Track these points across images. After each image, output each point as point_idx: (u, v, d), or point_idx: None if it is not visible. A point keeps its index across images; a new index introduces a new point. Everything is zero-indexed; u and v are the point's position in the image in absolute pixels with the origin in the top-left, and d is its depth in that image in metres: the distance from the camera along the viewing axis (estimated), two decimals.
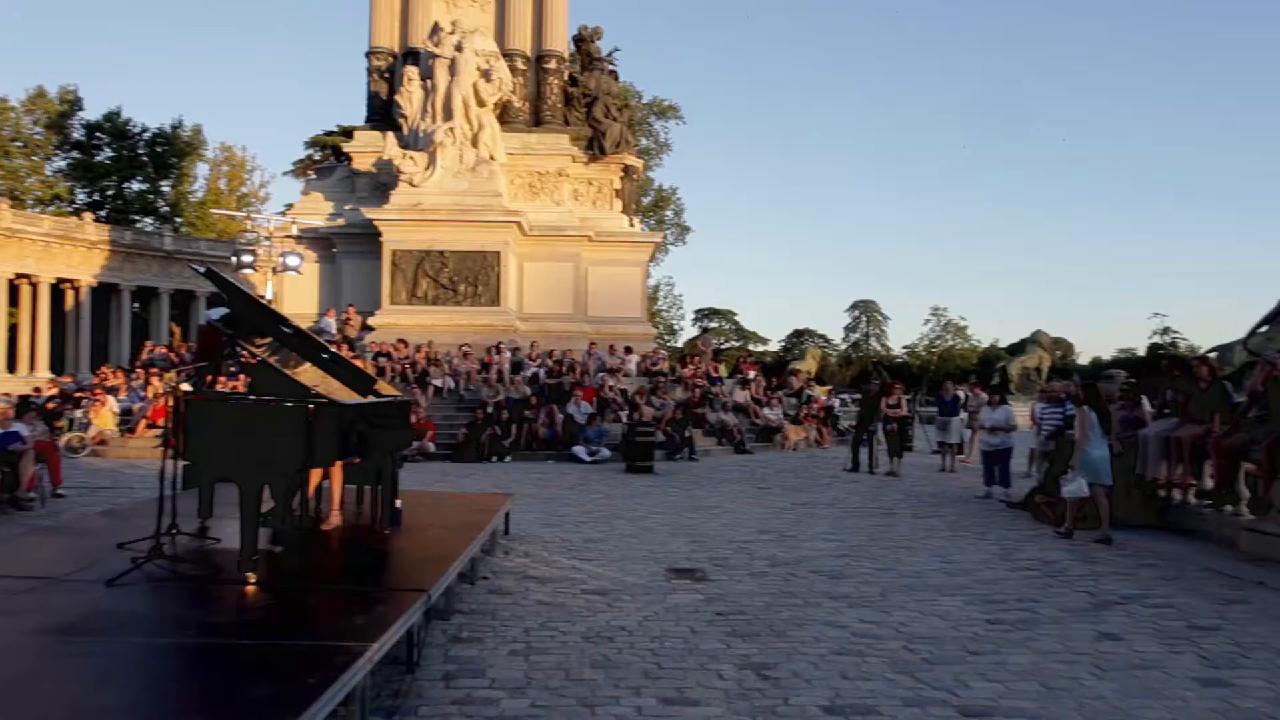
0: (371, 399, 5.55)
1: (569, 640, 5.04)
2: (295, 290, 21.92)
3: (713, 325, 64.25)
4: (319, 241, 22.46)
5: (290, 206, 27.37)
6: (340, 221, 22.40)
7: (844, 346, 70.58)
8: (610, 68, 25.87)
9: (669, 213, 49.67)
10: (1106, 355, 59.65)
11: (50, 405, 16.70)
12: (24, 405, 10.91)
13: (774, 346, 67.14)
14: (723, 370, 22.75)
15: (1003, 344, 58.87)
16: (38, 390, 19.75)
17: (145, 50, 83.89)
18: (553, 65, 24.37)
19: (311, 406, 4.68)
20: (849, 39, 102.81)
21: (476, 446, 15.29)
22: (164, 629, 4.02)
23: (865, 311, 70.69)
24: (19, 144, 42.63)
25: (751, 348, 62.60)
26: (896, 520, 9.73)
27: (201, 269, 5.55)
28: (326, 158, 39.90)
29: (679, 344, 53.89)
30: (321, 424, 4.72)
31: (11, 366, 35.38)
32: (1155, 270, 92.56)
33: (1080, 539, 8.41)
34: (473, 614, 5.56)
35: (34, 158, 43.31)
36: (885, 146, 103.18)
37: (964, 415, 15.60)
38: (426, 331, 19.85)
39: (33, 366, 35.40)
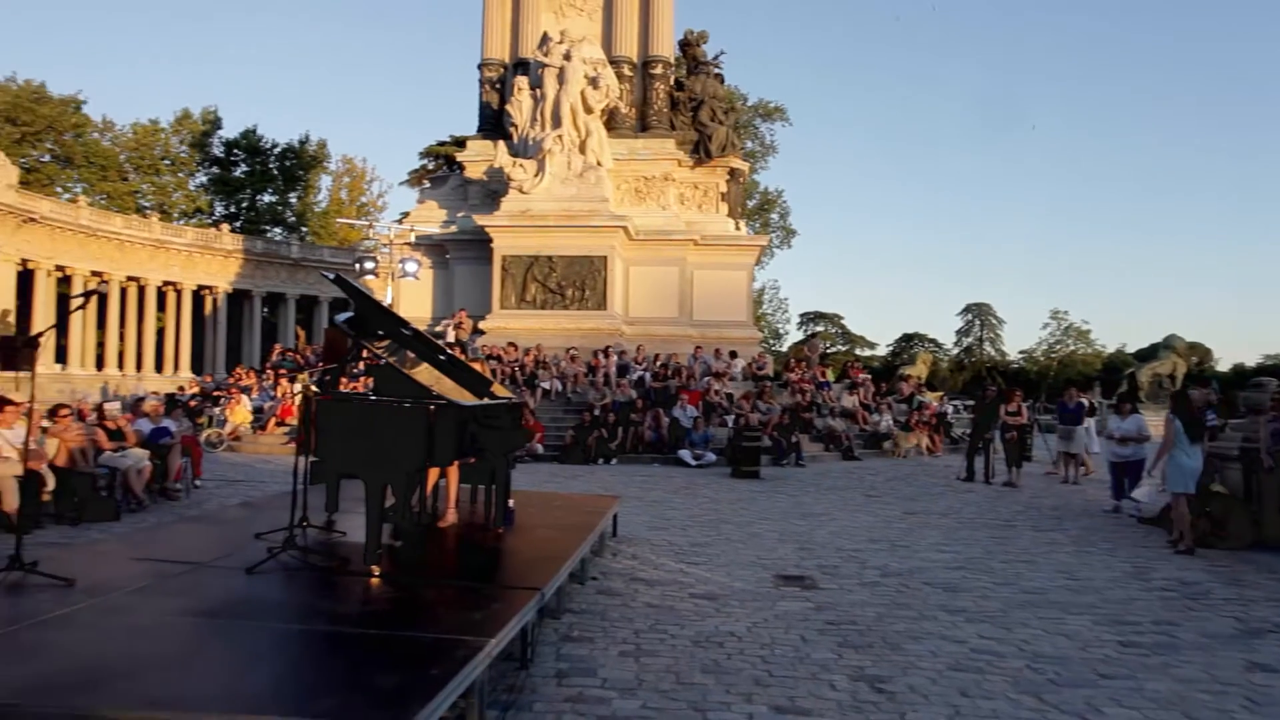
0: (488, 401, 5.71)
1: (678, 644, 5.04)
2: (411, 295, 22.80)
3: (818, 329, 63.15)
4: (433, 248, 23.32)
5: (406, 215, 28.57)
6: (453, 229, 23.20)
7: (956, 351, 68.12)
8: (716, 71, 25.84)
9: (774, 215, 49.18)
10: (1250, 361, 55.43)
11: (192, 403, 17.95)
12: (171, 403, 11.76)
13: (882, 351, 65.47)
14: (830, 375, 22.32)
15: (1130, 349, 55.50)
16: (181, 389, 21.28)
17: (278, 71, 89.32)
18: (659, 70, 24.53)
19: (432, 407, 4.86)
20: (958, 34, 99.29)
21: (583, 449, 15.52)
22: (298, 616, 4.25)
23: (979, 315, 68.04)
24: (167, 162, 46.06)
25: (859, 352, 61.22)
26: (1016, 533, 9.31)
27: (331, 275, 5.85)
28: (439, 167, 41.40)
29: (784, 348, 53.22)
30: (441, 424, 4.89)
31: (158, 367, 38.19)
32: None
33: (1218, 558, 7.84)
34: (583, 614, 5.64)
35: (180, 174, 46.72)
36: (999, 144, 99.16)
37: (1089, 424, 14.79)
38: (535, 335, 20.32)
39: (176, 367, 38.12)
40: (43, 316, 33.33)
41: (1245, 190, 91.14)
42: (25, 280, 33.05)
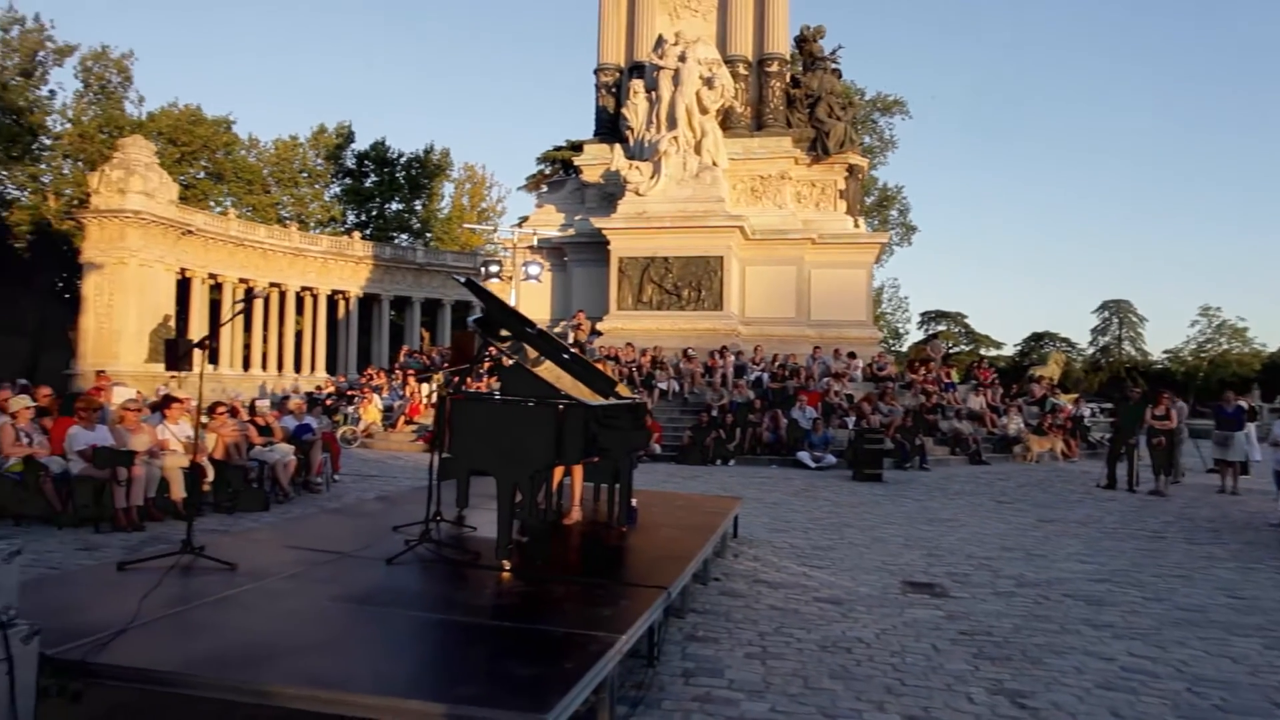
0: (613, 400, 5.79)
1: (805, 648, 4.96)
2: (531, 297, 23.40)
3: (940, 329, 60.88)
4: (551, 251, 23.83)
5: (525, 219, 29.32)
6: (571, 232, 23.65)
7: (1091, 351, 64.23)
8: (833, 66, 25.32)
9: (894, 212, 47.77)
10: None
11: (328, 401, 19.01)
12: (312, 401, 12.48)
13: (1008, 351, 62.50)
14: (955, 376, 21.48)
15: None
16: (318, 388, 22.57)
17: (405, 85, 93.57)
18: (774, 68, 24.25)
19: (561, 407, 4.96)
20: (1087, 21, 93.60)
21: (701, 449, 15.52)
22: (436, 606, 4.42)
23: (1117, 312, 63.92)
24: (305, 175, 48.95)
25: (983, 352, 58.63)
26: (1167, 545, 8.70)
27: (462, 279, 6.07)
28: (556, 172, 42.30)
29: (904, 348, 51.59)
30: (569, 424, 4.99)
31: (297, 367, 40.62)
32: None
33: None
34: (706, 614, 5.63)
35: (316, 186, 49.55)
36: (1135, 132, 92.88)
37: (1250, 429, 13.65)
38: (652, 335, 20.46)
39: (313, 367, 40.44)
40: (198, 320, 36.04)
41: None
42: (183, 287, 35.79)
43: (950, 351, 46.96)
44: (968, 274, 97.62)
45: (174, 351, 14.24)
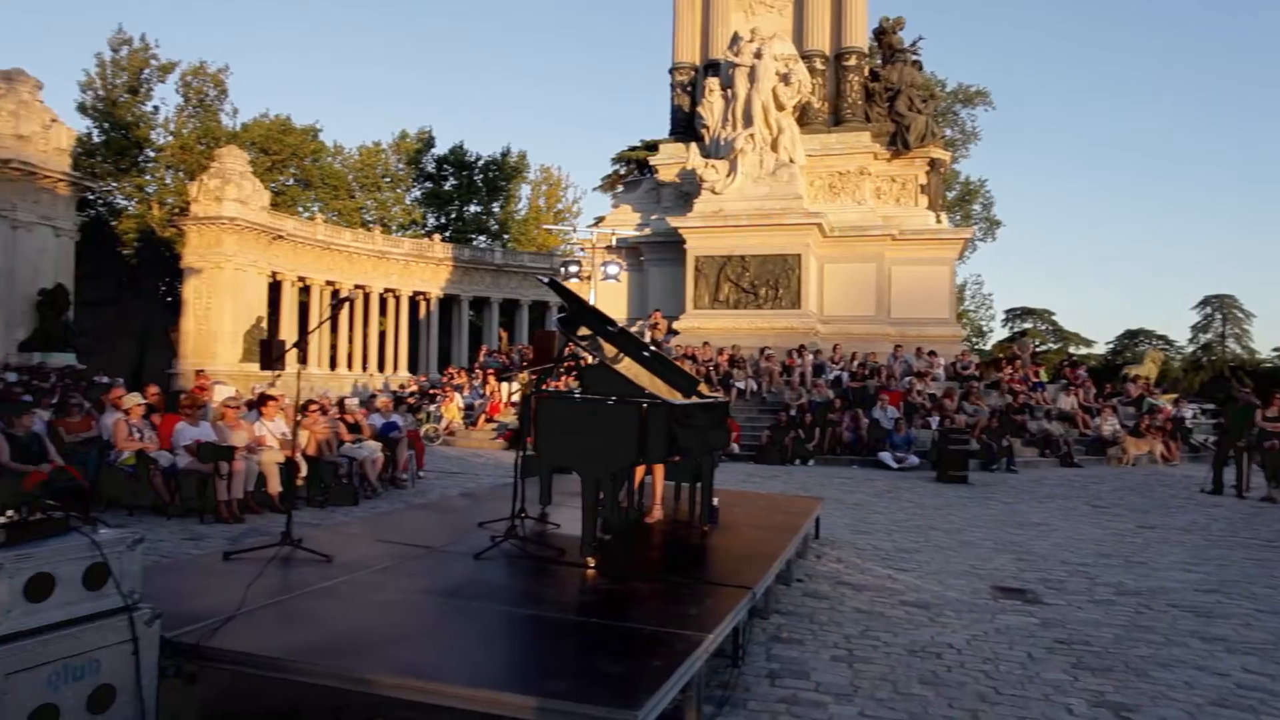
0: (695, 399, 5.78)
1: (892, 652, 4.86)
2: (608, 297, 23.54)
3: (1027, 326, 58.81)
4: (627, 251, 23.95)
5: (600, 219, 29.54)
6: (647, 231, 23.72)
7: (1191, 349, 61.08)
8: (913, 58, 24.75)
9: (977, 206, 46.42)
10: None
11: (411, 400, 19.53)
12: (398, 400, 12.83)
13: (1100, 349, 59.93)
14: (1043, 375, 20.73)
15: None
16: (401, 387, 23.21)
17: (483, 89, 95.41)
18: (852, 62, 23.84)
19: (644, 406, 4.98)
20: (1176, 7, 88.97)
21: (779, 449, 15.37)
22: (523, 601, 4.49)
23: (1220, 308, 60.57)
24: (387, 180, 50.42)
25: (1073, 350, 56.38)
26: None
27: (545, 280, 6.15)
28: (631, 172, 42.51)
29: (988, 346, 50.06)
30: (653, 422, 5.00)
31: (380, 366, 41.84)
32: None
33: None
34: (790, 615, 5.58)
35: (398, 190, 50.97)
36: (1238, 115, 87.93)
37: None
38: (728, 335, 20.36)
39: (395, 367, 41.60)
40: (288, 321, 37.47)
41: None
42: (273, 290, 37.27)
43: (1038, 350, 45.37)
44: (1055, 269, 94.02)
45: (269, 352, 14.93)
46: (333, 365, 40.23)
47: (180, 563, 5.81)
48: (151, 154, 42.93)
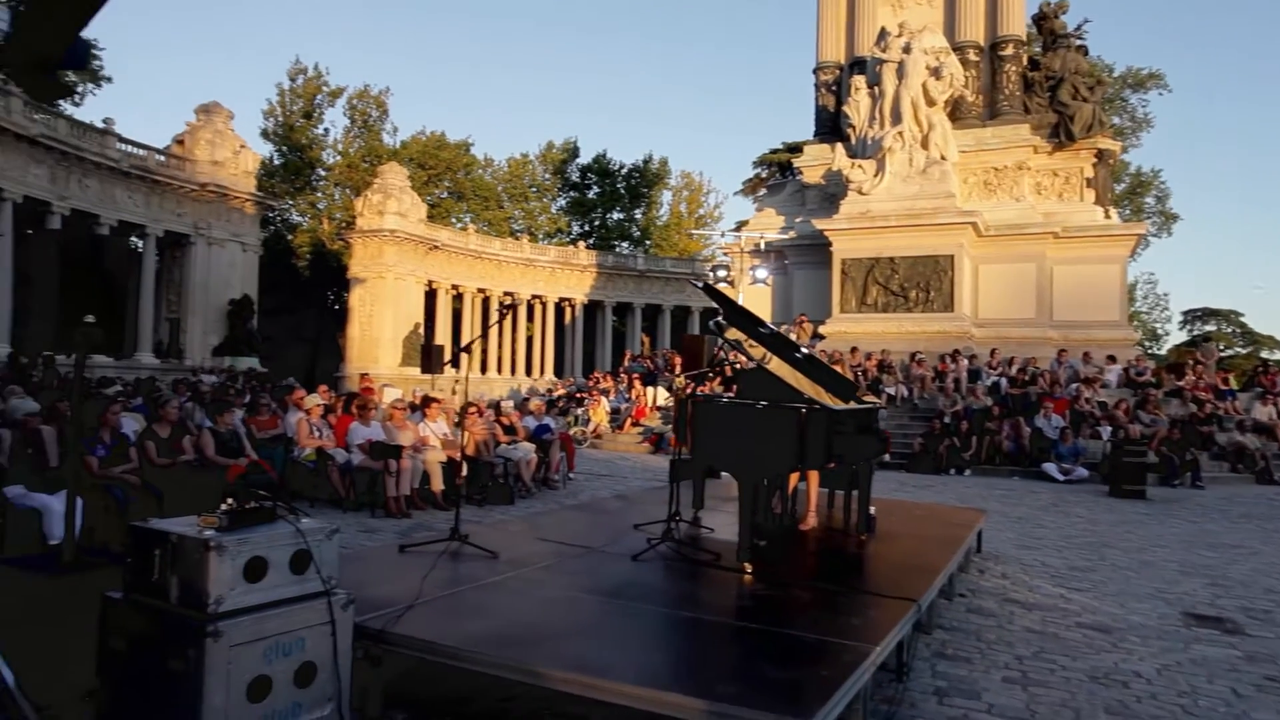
0: (854, 405, 5.65)
1: (1071, 676, 4.56)
2: (752, 302, 23.37)
3: (1209, 328, 53.82)
4: (771, 254, 23.69)
5: (743, 223, 29.41)
6: (791, 234, 23.39)
7: None
8: (1078, 43, 23.19)
9: (1149, 199, 42.99)
10: None
11: (559, 404, 20.09)
12: (550, 403, 13.23)
13: None
14: (1233, 382, 18.90)
15: None
16: (549, 390, 23.92)
17: (625, 98, 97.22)
18: (1009, 51, 22.63)
19: (803, 411, 4.91)
20: None
21: (933, 457, 14.78)
22: (682, 604, 4.52)
23: None
24: (534, 189, 52.24)
25: (1266, 355, 51.08)
26: None
27: (699, 284, 6.18)
28: (772, 175, 42.10)
29: (1163, 351, 46.18)
30: (812, 428, 4.92)
31: (528, 370, 43.34)
32: None
33: None
34: (954, 631, 5.34)
35: (544, 199, 52.73)
36: None
37: None
38: (877, 339, 19.77)
39: (541, 371, 42.96)
40: (443, 327, 39.48)
41: None
42: (429, 297, 39.37)
43: (1223, 354, 41.39)
44: (1242, 267, 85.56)
45: (429, 356, 15.83)
46: (484, 369, 42.02)
47: (361, 553, 6.22)
48: (322, 173, 46.37)
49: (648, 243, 52.84)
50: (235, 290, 33.66)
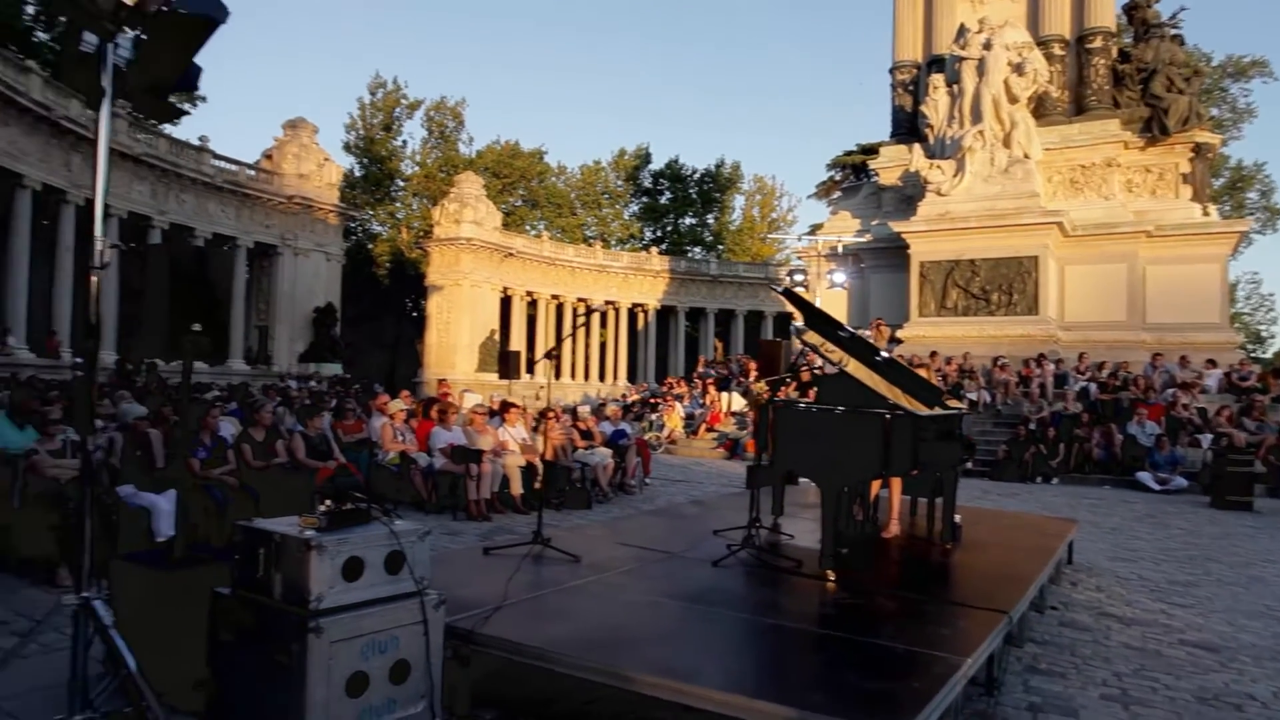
0: (939, 410, 5.52)
1: (1176, 697, 4.35)
2: (826, 306, 23.02)
3: None
4: (847, 257, 23.33)
5: (816, 227, 29.06)
6: (867, 237, 22.99)
7: None
8: (1173, 33, 22.17)
9: (1252, 194, 40.85)
10: None
11: (634, 409, 20.16)
12: (625, 409, 13.30)
13: None
14: None
15: None
16: (624, 395, 24.04)
17: (697, 103, 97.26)
18: (1097, 44, 21.77)
19: (887, 416, 4.82)
20: None
21: (1018, 465, 14.31)
22: (765, 610, 4.49)
23: None
24: (607, 196, 52.66)
25: None
26: None
27: (778, 289, 6.14)
28: (847, 177, 41.46)
29: (1268, 354, 43.73)
30: (897, 433, 4.83)
31: (601, 376, 43.67)
32: None
33: None
34: (1046, 645, 5.15)
35: (616, 206, 53.10)
36: None
37: None
38: (957, 343, 19.25)
39: (615, 377, 43.22)
40: (517, 333, 40.10)
41: None
42: (504, 304, 40.05)
43: None
44: None
45: (507, 362, 16.11)
46: (557, 375, 42.52)
47: (447, 555, 6.35)
48: (401, 183, 47.70)
49: (720, 247, 52.67)
50: (319, 298, 34.89)
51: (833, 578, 4.91)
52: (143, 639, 3.22)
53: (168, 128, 31.97)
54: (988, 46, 20.88)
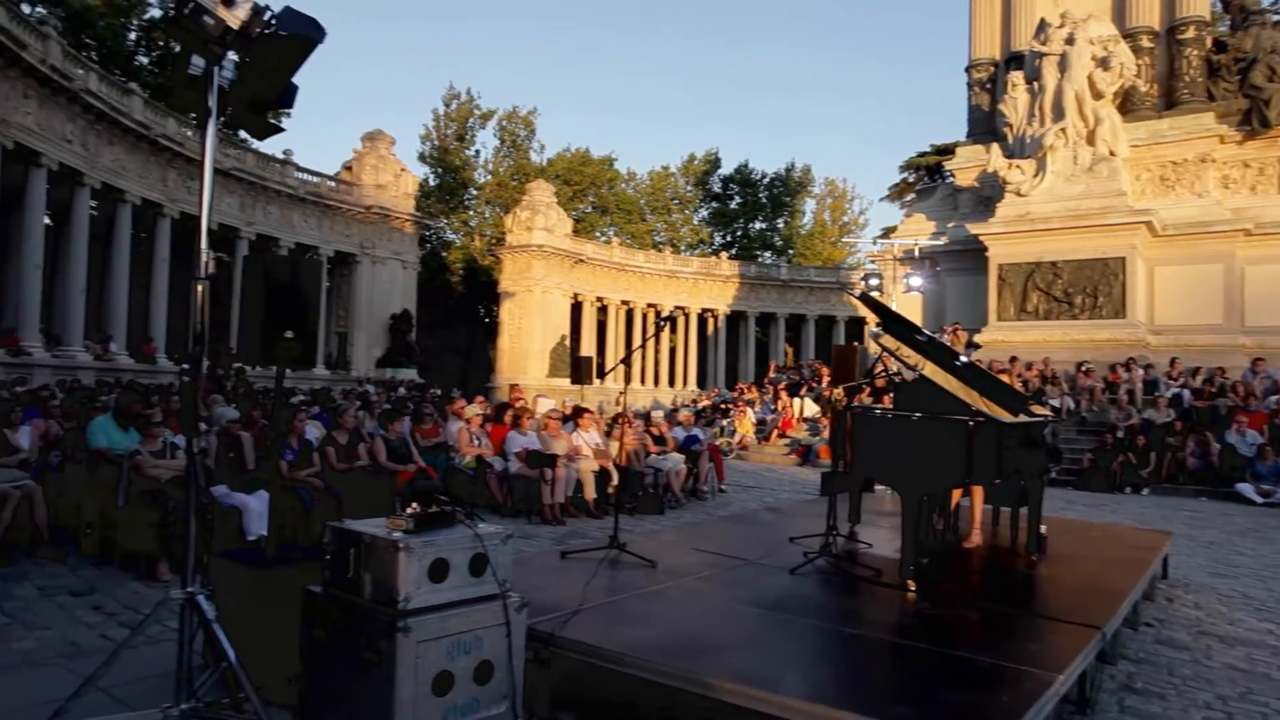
0: (1024, 417, 5.36)
1: None
2: (900, 310, 22.55)
3: None
4: (922, 261, 22.83)
5: (889, 230, 28.53)
6: (943, 240, 22.46)
7: None
8: (1276, 19, 21.06)
9: None
10: None
11: (705, 415, 20.10)
12: (696, 414, 13.28)
13: None
14: None
15: None
16: (694, 401, 23.99)
17: (767, 106, 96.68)
18: (1190, 34, 20.81)
19: (971, 423, 4.70)
20: None
21: (1105, 474, 13.76)
22: (845, 620, 4.42)
23: None
24: (676, 202, 52.76)
25: None
26: None
27: (856, 294, 6.05)
28: (921, 179, 40.59)
29: None
30: (981, 441, 4.71)
31: (670, 381, 43.69)
32: None
33: None
34: (1141, 663, 4.94)
35: (686, 211, 53.16)
36: None
37: None
38: (1038, 348, 18.63)
39: (685, 382, 43.18)
40: (588, 339, 40.44)
41: None
42: (574, 310, 40.45)
43: None
44: None
45: (579, 368, 16.28)
46: (627, 380, 42.70)
47: (525, 558, 6.44)
48: (474, 192, 48.69)
49: (790, 252, 52.20)
50: (396, 305, 35.85)
51: (914, 587, 4.80)
52: (239, 634, 3.35)
53: (254, 142, 33.36)
54: (1070, 41, 20.19)
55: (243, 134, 31.01)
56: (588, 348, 38.68)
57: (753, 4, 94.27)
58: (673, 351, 44.21)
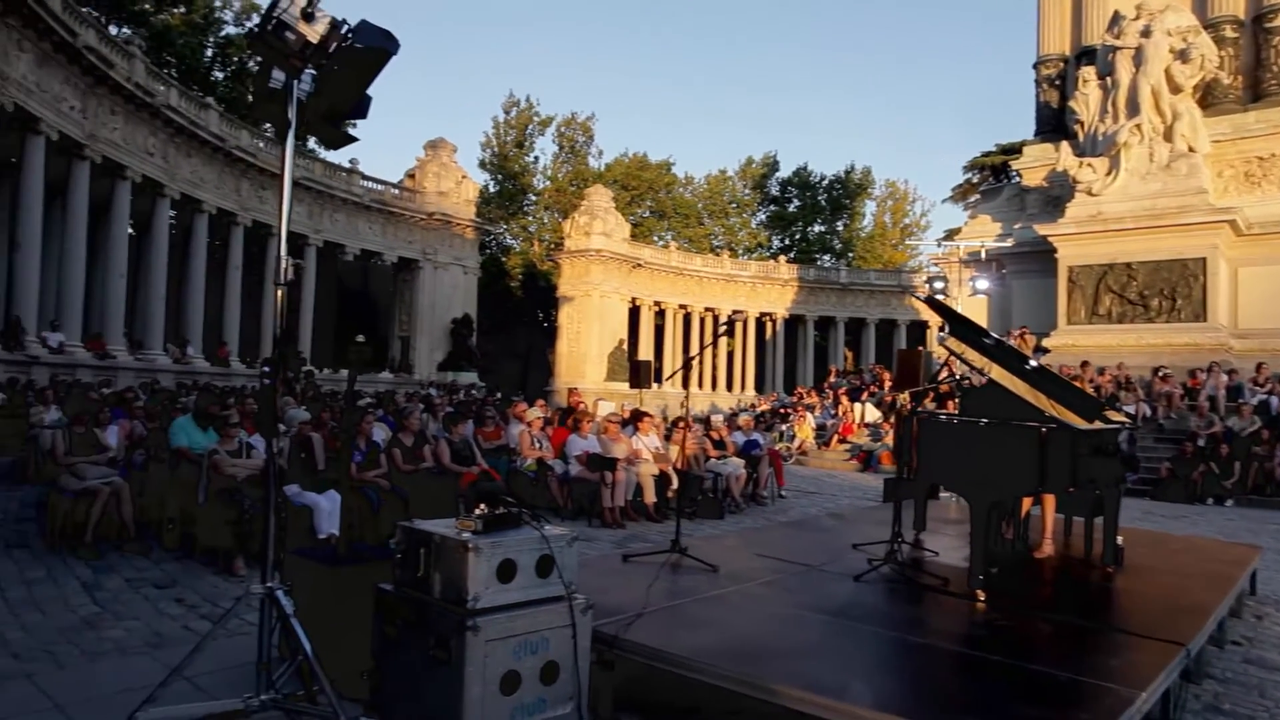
0: (1100, 424, 5.19)
1: None
2: (966, 314, 22.07)
3: None
4: (988, 263, 22.31)
5: (952, 232, 27.92)
6: (1010, 241, 21.91)
7: None
8: None
9: None
10: None
11: (764, 419, 19.96)
12: (757, 419, 13.20)
13: None
14: None
15: None
16: (752, 405, 23.84)
17: (826, 109, 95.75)
18: (1278, 22, 19.90)
19: (1043, 430, 4.57)
20: None
21: (1184, 484, 13.23)
22: (912, 629, 4.33)
23: None
24: (734, 205, 52.55)
25: None
26: None
27: (922, 297, 5.95)
28: (985, 179, 39.66)
29: None
30: (1054, 448, 4.57)
31: (728, 386, 43.49)
32: None
33: None
34: (1228, 683, 4.73)
35: (744, 215, 52.90)
36: None
37: None
38: (1111, 353, 18.03)
39: (742, 386, 42.94)
40: (645, 343, 40.55)
41: None
42: (632, 314, 40.60)
43: None
44: None
45: (638, 372, 16.24)
46: (685, 384, 42.67)
47: (587, 561, 6.47)
48: (533, 198, 49.28)
49: (850, 255, 51.52)
50: (457, 310, 36.46)
51: (983, 598, 4.69)
52: (312, 629, 3.45)
53: (322, 151, 34.35)
54: (1146, 33, 19.50)
55: (311, 144, 32.05)
56: (645, 352, 38.77)
57: (812, 6, 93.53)
58: (730, 356, 44.00)
